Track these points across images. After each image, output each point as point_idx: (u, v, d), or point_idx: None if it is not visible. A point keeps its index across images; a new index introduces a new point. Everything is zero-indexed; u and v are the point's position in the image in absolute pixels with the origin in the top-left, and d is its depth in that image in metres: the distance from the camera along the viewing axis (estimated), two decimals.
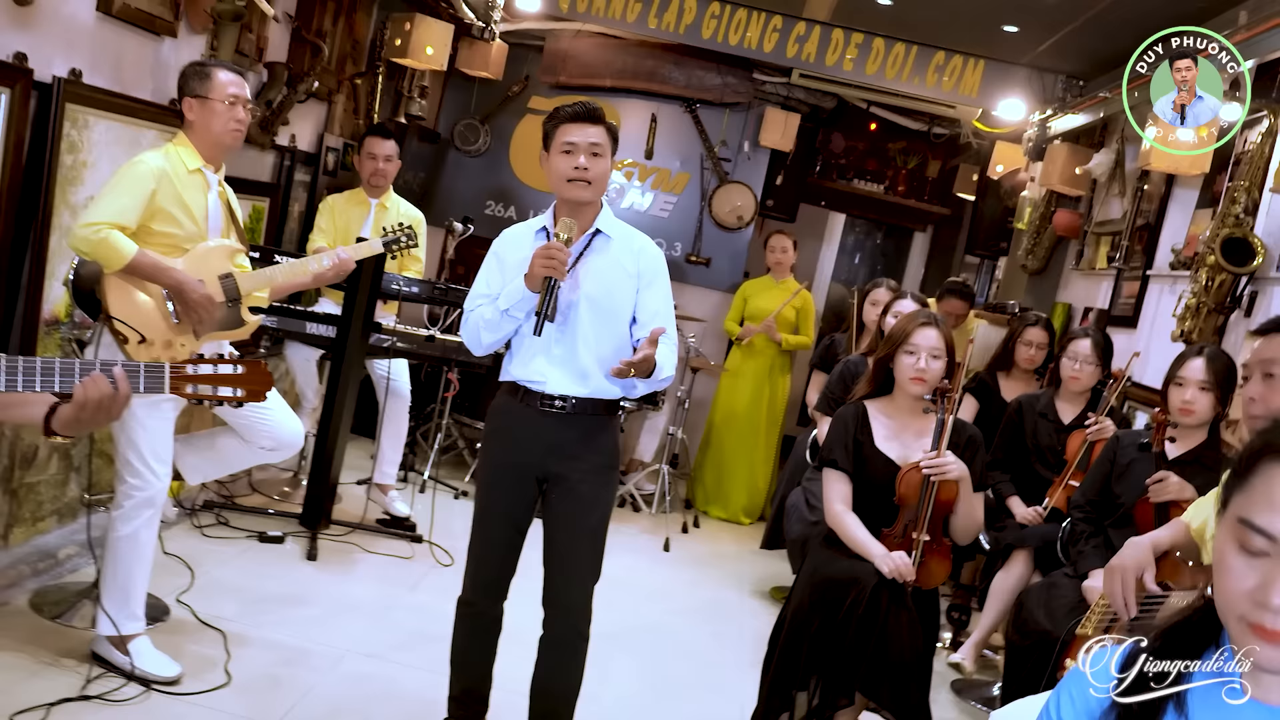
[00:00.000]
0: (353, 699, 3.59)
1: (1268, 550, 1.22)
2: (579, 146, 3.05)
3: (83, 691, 3.22)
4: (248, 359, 2.42)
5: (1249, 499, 1.24)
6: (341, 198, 5.47)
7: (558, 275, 2.93)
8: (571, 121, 3.08)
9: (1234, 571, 1.25)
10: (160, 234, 3.37)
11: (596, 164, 3.05)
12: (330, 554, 4.83)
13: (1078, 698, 1.42)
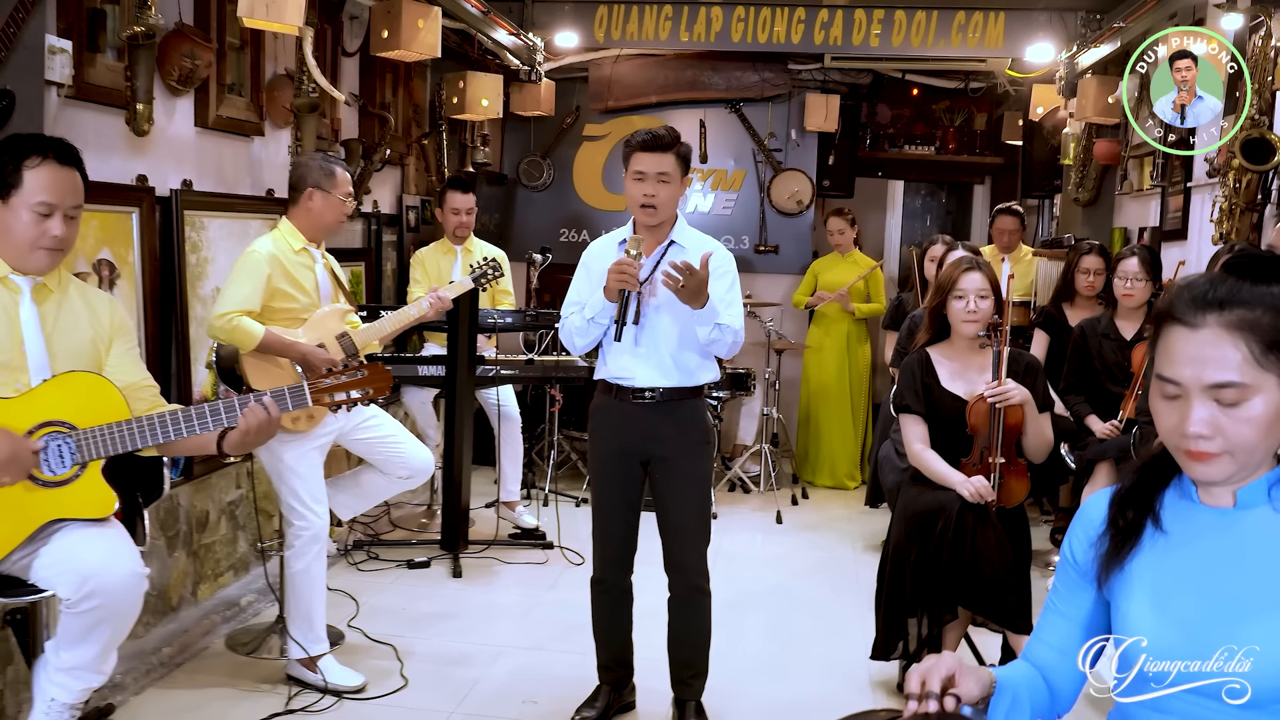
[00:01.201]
0: (515, 685, 4.05)
1: (1178, 394, 1.58)
2: (648, 175, 3.46)
3: (287, 707, 3.74)
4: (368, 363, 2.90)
5: (1159, 358, 1.61)
6: (430, 249, 5.98)
7: (630, 287, 3.36)
8: (641, 150, 3.48)
9: (1162, 415, 1.62)
10: (281, 309, 3.88)
11: (663, 190, 3.46)
12: (473, 570, 5.32)
13: (1083, 531, 1.79)
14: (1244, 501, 1.61)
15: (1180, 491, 1.70)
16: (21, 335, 2.62)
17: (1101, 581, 1.72)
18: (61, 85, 3.57)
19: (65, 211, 2.63)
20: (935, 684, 1.58)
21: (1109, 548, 1.72)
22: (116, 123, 3.97)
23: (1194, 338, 1.55)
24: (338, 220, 4.00)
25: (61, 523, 2.57)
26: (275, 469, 3.87)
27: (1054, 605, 1.83)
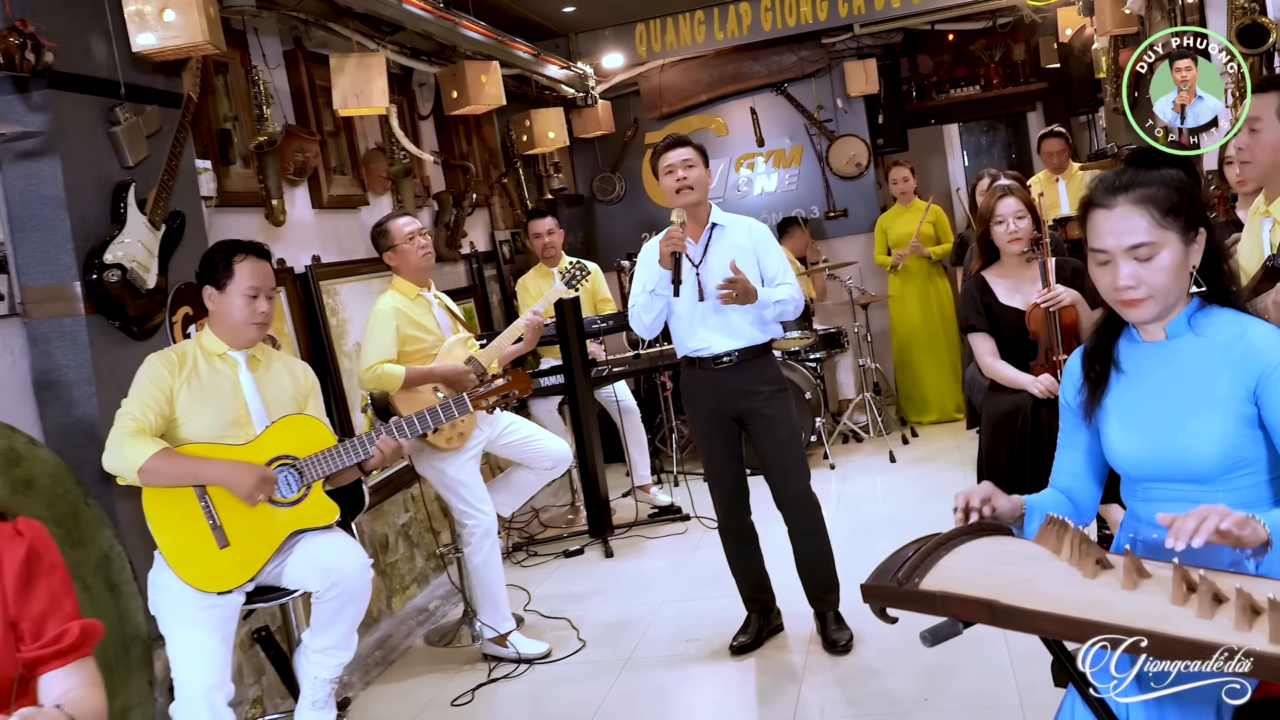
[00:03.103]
0: (676, 630, 4.65)
1: (1107, 260, 2.11)
2: (675, 165, 4.10)
3: (490, 678, 4.39)
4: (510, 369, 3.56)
5: (1090, 236, 2.13)
6: (529, 275, 6.63)
7: (678, 249, 3.97)
8: (665, 151, 4.16)
9: (1099, 278, 2.14)
10: (414, 350, 4.53)
11: (692, 172, 4.10)
12: (622, 549, 5.93)
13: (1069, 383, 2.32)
14: (1172, 333, 2.14)
15: (1129, 338, 2.22)
16: (244, 397, 3.30)
17: (1088, 418, 2.25)
18: (209, 198, 4.28)
19: (266, 293, 3.30)
20: (976, 501, 2.14)
21: (1087, 394, 2.25)
22: (256, 219, 4.69)
23: (1111, 215, 2.08)
24: (419, 259, 4.62)
25: (300, 534, 3.23)
26: (441, 483, 4.54)
27: (1064, 442, 2.37)
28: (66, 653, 1.92)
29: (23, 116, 3.28)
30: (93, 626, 1.98)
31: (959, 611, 2.00)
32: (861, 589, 2.10)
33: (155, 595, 3.18)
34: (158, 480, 3.08)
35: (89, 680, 1.95)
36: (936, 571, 2.09)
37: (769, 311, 4.12)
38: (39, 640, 1.90)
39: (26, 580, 1.91)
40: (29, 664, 1.89)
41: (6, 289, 3.37)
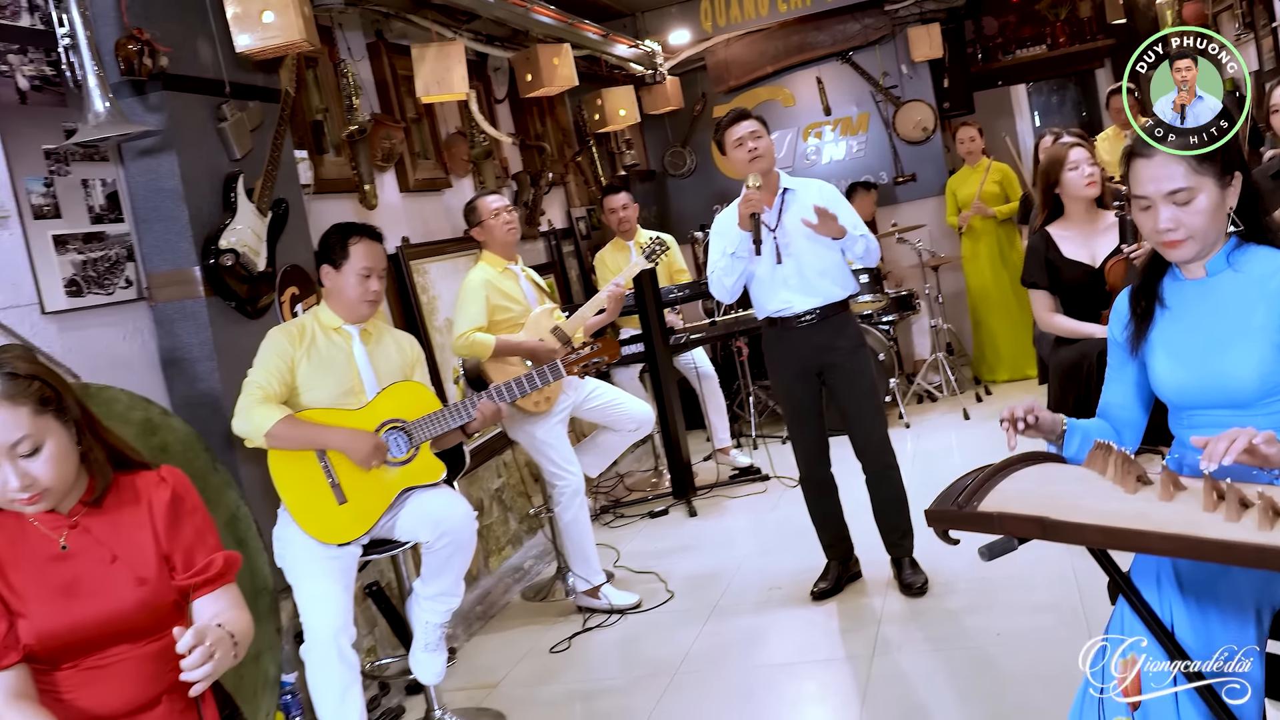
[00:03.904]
0: (760, 580, 4.89)
1: (1148, 205, 2.29)
2: (744, 137, 4.30)
3: (585, 627, 4.67)
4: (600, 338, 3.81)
5: (1132, 184, 2.32)
6: (607, 249, 6.87)
7: (755, 210, 4.19)
8: (731, 126, 4.38)
9: (1142, 222, 2.32)
10: (503, 320, 4.80)
11: (760, 142, 4.31)
12: (705, 509, 6.17)
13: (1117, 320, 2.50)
14: (1212, 270, 2.31)
15: (1172, 277, 2.40)
16: (357, 367, 3.58)
17: (1135, 351, 2.43)
18: (308, 186, 4.58)
19: (378, 273, 3.59)
20: (1020, 411, 2.34)
21: (1134, 328, 2.43)
22: (350, 204, 4.99)
23: (1150, 163, 2.26)
24: (505, 237, 4.91)
25: (410, 491, 3.52)
26: (532, 445, 4.81)
27: (1111, 375, 2.55)
28: (214, 579, 2.20)
29: (142, 117, 3.58)
30: (234, 557, 2.26)
31: (1013, 529, 2.20)
32: (925, 514, 2.31)
33: (281, 549, 3.49)
34: (282, 444, 3.38)
35: (235, 603, 2.23)
36: (993, 495, 2.29)
37: (858, 246, 4.29)
38: (189, 570, 2.18)
39: (173, 519, 2.18)
40: (183, 591, 2.17)
41: (135, 275, 3.68)
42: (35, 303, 3.30)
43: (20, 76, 3.34)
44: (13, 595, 2.05)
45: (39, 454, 2.02)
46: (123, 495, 2.17)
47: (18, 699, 2.01)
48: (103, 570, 2.10)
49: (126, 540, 2.14)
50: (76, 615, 2.07)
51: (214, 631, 2.00)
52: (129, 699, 2.11)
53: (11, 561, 2.07)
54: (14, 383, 2.00)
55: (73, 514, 2.13)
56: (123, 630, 2.10)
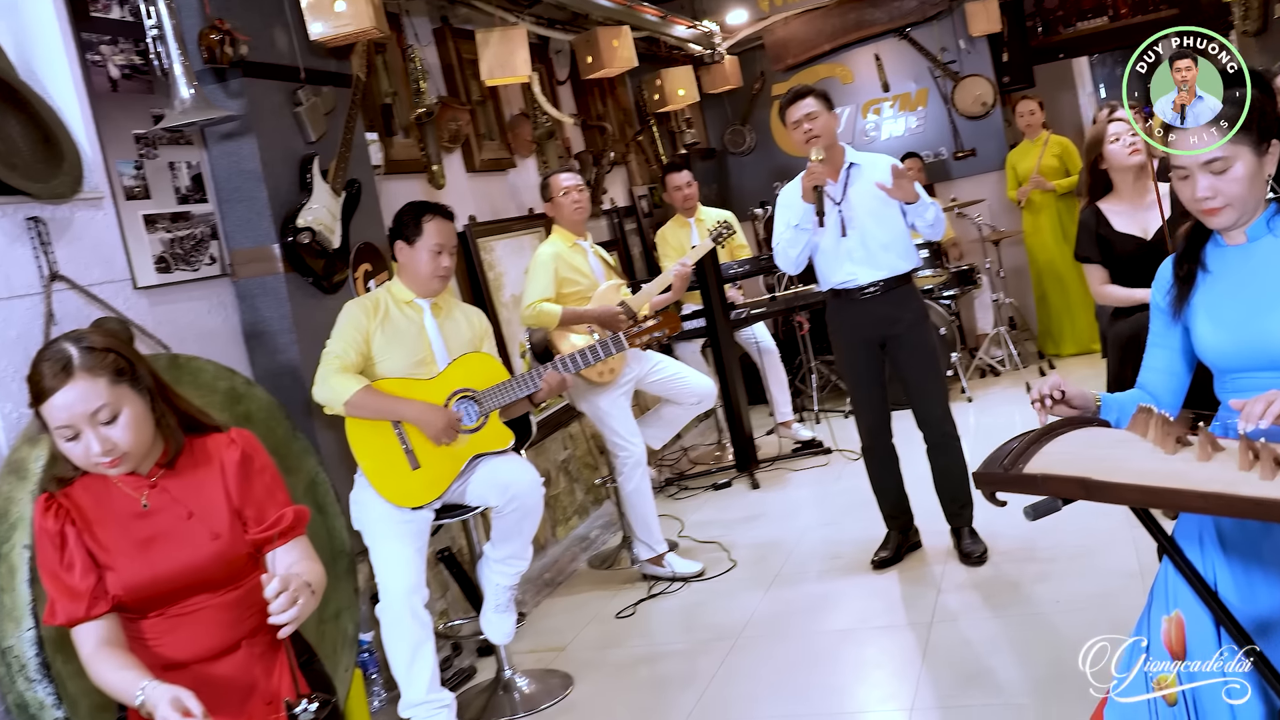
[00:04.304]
0: (821, 549, 4.99)
1: (1187, 174, 2.35)
2: (800, 120, 4.38)
3: (650, 593, 4.80)
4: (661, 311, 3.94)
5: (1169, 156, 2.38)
6: (668, 226, 6.98)
7: (819, 182, 4.27)
8: (788, 106, 4.45)
9: (1181, 191, 2.38)
10: (571, 293, 4.94)
11: (816, 122, 4.36)
12: (768, 481, 6.28)
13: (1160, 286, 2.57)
14: (1252, 235, 2.37)
15: (1214, 243, 2.46)
16: (429, 339, 3.73)
17: (1177, 315, 2.50)
18: (378, 167, 4.73)
19: (449, 250, 3.73)
20: (1046, 389, 2.42)
21: (1177, 292, 2.50)
22: (419, 184, 5.15)
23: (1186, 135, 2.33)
24: (574, 213, 5.04)
25: (480, 457, 3.66)
26: (596, 415, 4.95)
27: (1154, 341, 2.61)
28: (285, 533, 2.35)
29: (224, 102, 3.75)
30: (303, 511, 2.41)
31: (1057, 489, 2.29)
32: (973, 476, 2.39)
33: (358, 512, 3.65)
34: (360, 413, 3.54)
35: (307, 554, 2.38)
36: (1038, 458, 2.38)
37: (928, 213, 4.36)
38: (261, 525, 2.33)
39: (244, 477, 2.33)
40: (256, 544, 2.33)
41: (218, 253, 3.86)
42: (128, 278, 3.49)
43: (112, 66, 3.53)
44: (101, 550, 2.22)
45: (117, 421, 2.17)
46: (196, 456, 2.33)
47: (107, 645, 2.17)
48: (180, 526, 2.26)
49: (201, 498, 2.29)
50: (158, 568, 2.22)
51: (297, 578, 2.15)
52: (210, 645, 2.27)
53: (99, 520, 2.24)
54: (91, 355, 2.16)
55: (151, 475, 2.28)
56: (201, 581, 2.25)
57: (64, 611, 2.19)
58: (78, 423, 2.14)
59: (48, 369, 2.14)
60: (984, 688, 3.47)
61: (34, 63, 3.37)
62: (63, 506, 2.23)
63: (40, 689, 2.79)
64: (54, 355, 2.15)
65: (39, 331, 3.13)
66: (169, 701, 1.99)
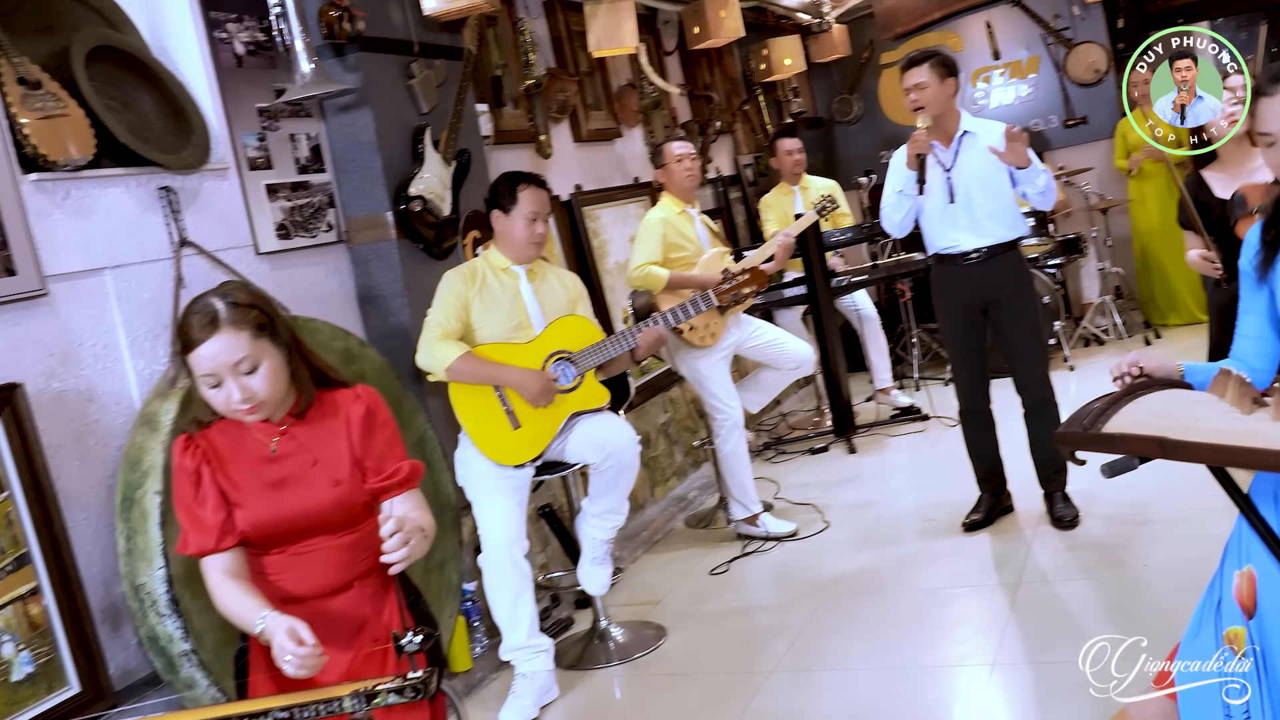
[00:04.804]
0: (914, 512, 5.07)
1: (1273, 141, 2.38)
2: (909, 88, 4.43)
3: (744, 551, 4.94)
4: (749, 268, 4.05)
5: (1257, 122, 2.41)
6: (772, 194, 7.05)
7: (923, 151, 4.34)
8: (902, 73, 4.50)
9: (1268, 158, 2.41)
10: (677, 259, 5.06)
11: (924, 93, 4.40)
12: (864, 446, 6.35)
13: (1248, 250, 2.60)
14: None
15: None
16: (524, 304, 3.90)
17: (1263, 278, 2.53)
18: (488, 137, 4.91)
19: (543, 217, 3.89)
20: (1125, 366, 2.49)
21: (1263, 256, 2.53)
22: (527, 153, 5.32)
23: (1273, 101, 2.36)
24: (684, 180, 5.17)
25: (577, 416, 3.83)
26: (695, 379, 5.09)
27: (1244, 308, 2.65)
28: (401, 484, 2.52)
29: (342, 76, 3.96)
30: (418, 466, 2.57)
31: (1134, 448, 2.36)
32: (1054, 436, 2.48)
33: (462, 469, 3.85)
34: (461, 378, 3.73)
35: (420, 505, 2.55)
36: (1117, 418, 2.45)
37: (1040, 180, 4.36)
38: (379, 475, 2.50)
39: (366, 431, 2.50)
40: (374, 493, 2.50)
41: (335, 220, 4.08)
42: (250, 244, 3.72)
43: (237, 43, 3.75)
44: (232, 489, 2.41)
45: (256, 372, 2.34)
46: (324, 409, 2.50)
47: (232, 576, 2.37)
48: (306, 471, 2.44)
49: (326, 447, 2.47)
50: (283, 508, 2.41)
51: (410, 522, 2.32)
52: (325, 583, 2.45)
53: (232, 461, 2.43)
54: (237, 310, 2.34)
55: (282, 423, 2.45)
56: (321, 524, 2.43)
57: (195, 543, 2.39)
58: (221, 372, 2.31)
59: (196, 321, 2.31)
60: (1070, 645, 3.50)
61: (166, 41, 3.61)
62: (200, 447, 2.42)
63: (169, 623, 3.03)
64: (202, 309, 2.33)
65: (169, 294, 3.37)
66: (285, 631, 2.17)
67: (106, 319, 3.25)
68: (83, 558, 3.07)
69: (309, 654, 2.14)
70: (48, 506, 2.99)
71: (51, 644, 2.97)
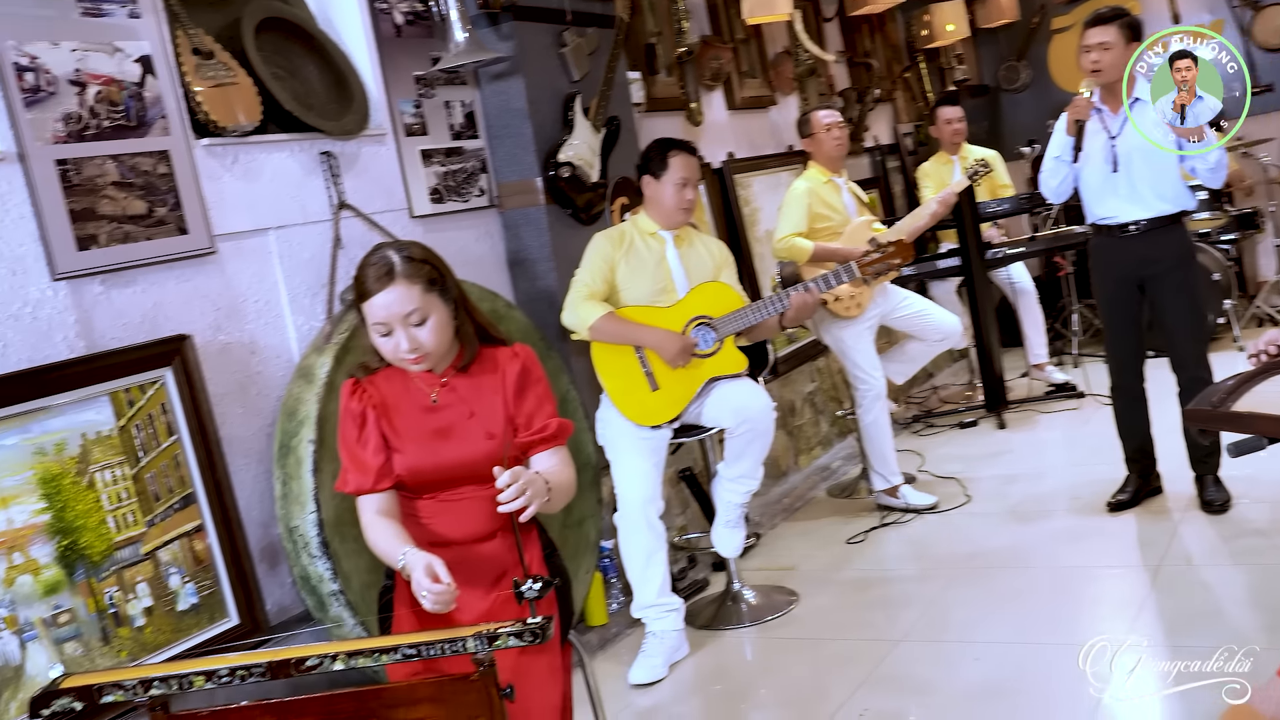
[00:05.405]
0: (1060, 489, 4.98)
1: None
2: (1091, 46, 4.30)
3: (882, 521, 4.95)
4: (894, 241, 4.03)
5: None
6: (930, 163, 6.95)
7: (1082, 116, 4.24)
8: (1085, 28, 4.35)
9: None
10: (823, 228, 5.07)
11: (1105, 56, 4.25)
12: (1015, 422, 6.24)
13: None
14: None
15: None
16: (670, 269, 3.97)
17: None
18: (639, 104, 4.99)
19: (693, 184, 3.95)
20: (1263, 344, 2.42)
21: None
22: (677, 122, 5.39)
23: None
24: (834, 149, 5.15)
25: (715, 381, 3.90)
26: (839, 349, 5.09)
27: None
28: (548, 440, 2.63)
29: (495, 45, 4.09)
30: (567, 424, 2.68)
31: (1263, 428, 2.32)
32: (1183, 413, 2.45)
33: (602, 429, 3.96)
34: (602, 338, 3.83)
35: (564, 461, 2.66)
36: (1248, 398, 2.41)
37: (1211, 155, 4.19)
38: (529, 430, 2.62)
39: (520, 388, 2.61)
40: (522, 447, 2.61)
41: (486, 185, 4.23)
42: (405, 208, 3.90)
43: (396, 13, 3.92)
44: (393, 434, 2.55)
45: (425, 324, 2.46)
46: (484, 364, 2.62)
47: (383, 515, 2.52)
48: (462, 423, 2.56)
49: (482, 401, 2.59)
50: (440, 456, 2.54)
51: (528, 474, 2.42)
52: (472, 530, 2.57)
53: (395, 407, 2.57)
54: (411, 265, 2.47)
55: (444, 375, 2.58)
56: (472, 474, 2.54)
57: (354, 482, 2.55)
58: (392, 322, 2.44)
59: (373, 272, 2.45)
60: (1210, 630, 3.44)
61: (331, 12, 3.80)
62: (367, 391, 2.57)
63: (320, 564, 3.23)
64: (380, 260, 2.46)
65: (327, 254, 3.56)
66: (423, 567, 2.30)
67: (269, 276, 3.46)
68: (243, 500, 3.29)
69: (442, 591, 2.27)
70: (212, 451, 3.21)
71: (213, 578, 3.20)
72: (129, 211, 3.11)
